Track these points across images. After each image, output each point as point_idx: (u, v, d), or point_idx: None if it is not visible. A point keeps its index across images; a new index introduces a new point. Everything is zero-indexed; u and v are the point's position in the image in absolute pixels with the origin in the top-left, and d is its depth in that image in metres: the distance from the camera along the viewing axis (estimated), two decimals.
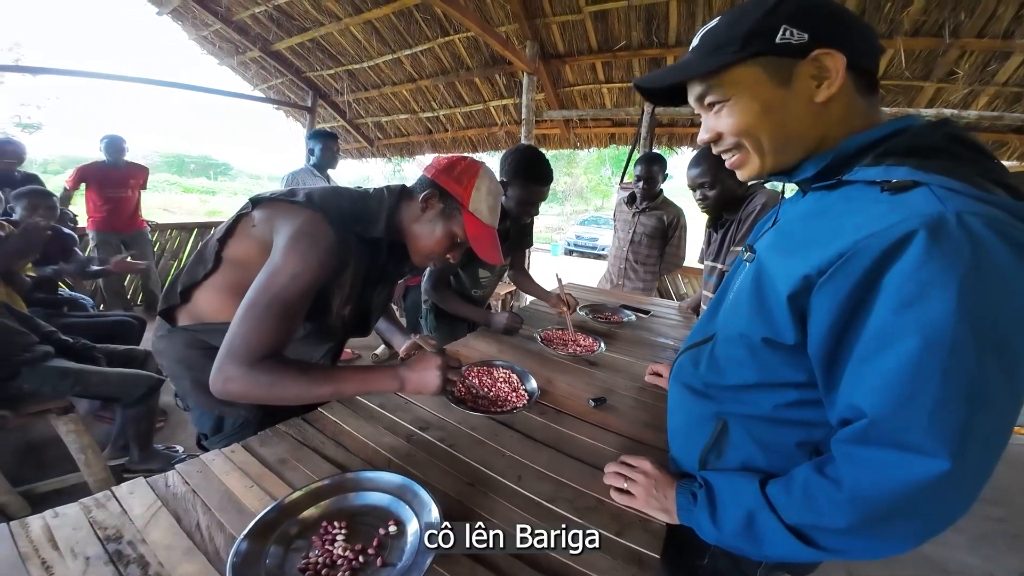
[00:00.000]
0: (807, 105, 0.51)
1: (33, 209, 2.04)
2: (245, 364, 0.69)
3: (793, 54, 0.50)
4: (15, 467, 1.62)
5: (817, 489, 0.50)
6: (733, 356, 0.60)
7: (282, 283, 0.72)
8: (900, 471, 0.43)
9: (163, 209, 14.40)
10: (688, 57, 0.56)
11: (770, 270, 0.54)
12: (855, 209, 0.47)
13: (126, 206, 3.30)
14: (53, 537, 0.59)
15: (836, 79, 0.49)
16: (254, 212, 0.84)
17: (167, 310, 0.92)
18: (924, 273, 0.40)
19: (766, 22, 0.50)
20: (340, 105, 5.31)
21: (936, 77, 2.94)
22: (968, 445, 0.41)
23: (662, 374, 1.17)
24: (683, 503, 0.64)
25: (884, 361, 0.43)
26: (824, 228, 0.49)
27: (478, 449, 0.85)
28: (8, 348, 1.46)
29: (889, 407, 0.43)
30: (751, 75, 0.52)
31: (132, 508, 0.64)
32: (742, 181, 0.62)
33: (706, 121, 0.58)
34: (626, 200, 2.55)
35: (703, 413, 0.66)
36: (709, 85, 0.55)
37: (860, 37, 0.51)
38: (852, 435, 0.46)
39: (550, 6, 3.35)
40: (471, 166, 0.91)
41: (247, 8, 4.15)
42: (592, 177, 23.48)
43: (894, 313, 0.42)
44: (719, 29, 0.54)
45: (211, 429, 0.94)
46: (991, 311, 0.40)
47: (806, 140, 0.53)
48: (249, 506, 0.65)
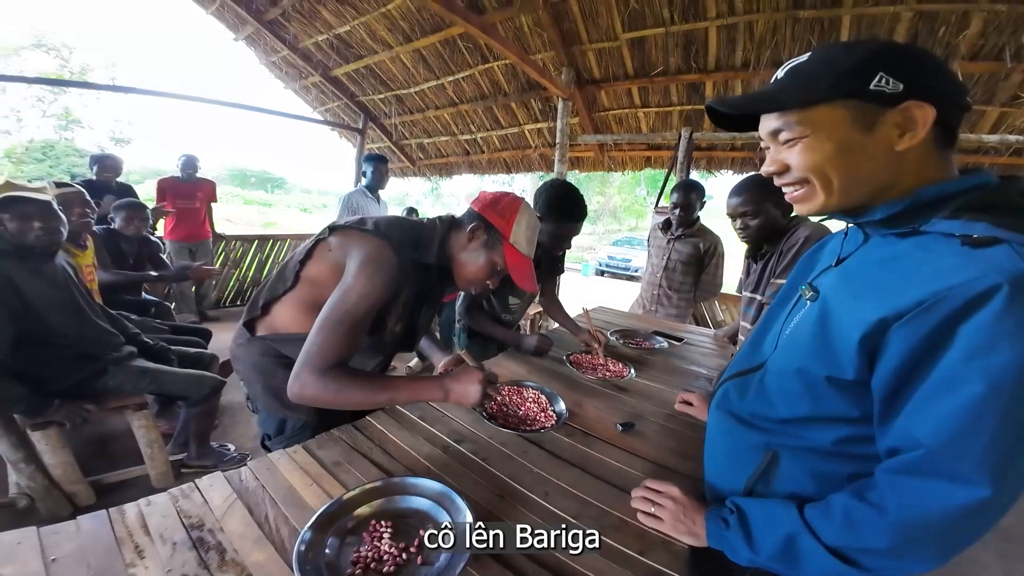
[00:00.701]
0: (885, 152, 0.52)
1: (129, 220, 2.34)
2: (318, 371, 0.80)
3: (882, 101, 0.50)
4: (85, 458, 1.76)
5: (859, 514, 0.52)
6: (787, 389, 0.61)
7: (353, 302, 0.83)
8: (945, 499, 0.47)
9: (226, 220, 15.60)
10: (773, 89, 0.56)
11: (838, 311, 0.56)
12: (933, 259, 0.49)
13: (194, 217, 3.68)
14: (146, 523, 0.67)
15: (921, 132, 0.50)
16: (330, 238, 0.95)
17: (249, 321, 1.06)
18: (999, 327, 0.43)
19: (863, 66, 0.50)
20: (387, 127, 5.66)
21: (999, 101, 2.80)
22: (1008, 477, 0.45)
23: (693, 403, 1.14)
24: (713, 528, 0.67)
25: (949, 401, 0.46)
26: (900, 274, 0.51)
27: (508, 464, 0.91)
28: (101, 347, 1.66)
29: (946, 440, 0.46)
30: (834, 116, 0.52)
31: (212, 499, 0.73)
32: (788, 213, 0.63)
33: (774, 153, 0.59)
34: (661, 225, 2.56)
35: (749, 443, 0.67)
36: (788, 120, 0.55)
37: (955, 93, 0.52)
38: (903, 464, 0.50)
39: (587, 34, 3.47)
40: (513, 202, 1.01)
41: (311, 36, 4.56)
42: (626, 197, 23.29)
43: (964, 361, 0.44)
44: (812, 66, 0.54)
45: (274, 430, 1.06)
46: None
47: (875, 185, 0.54)
48: (309, 502, 0.74)
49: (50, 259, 1.57)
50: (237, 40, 4.93)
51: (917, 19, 2.60)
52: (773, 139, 0.58)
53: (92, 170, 3.13)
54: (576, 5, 3.27)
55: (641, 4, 3.09)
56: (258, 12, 4.46)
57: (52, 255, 1.58)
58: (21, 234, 1.45)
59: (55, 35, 16.54)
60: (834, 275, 0.62)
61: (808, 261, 0.75)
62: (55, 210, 1.53)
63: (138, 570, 0.60)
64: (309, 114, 5.77)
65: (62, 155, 17.05)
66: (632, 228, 22.07)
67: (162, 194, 3.58)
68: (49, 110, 17.29)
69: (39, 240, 1.48)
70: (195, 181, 3.69)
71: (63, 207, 1.70)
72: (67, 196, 1.87)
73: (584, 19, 3.37)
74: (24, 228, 1.45)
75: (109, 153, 3.28)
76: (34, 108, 16.91)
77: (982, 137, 2.76)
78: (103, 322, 1.72)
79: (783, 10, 2.79)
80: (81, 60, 17.29)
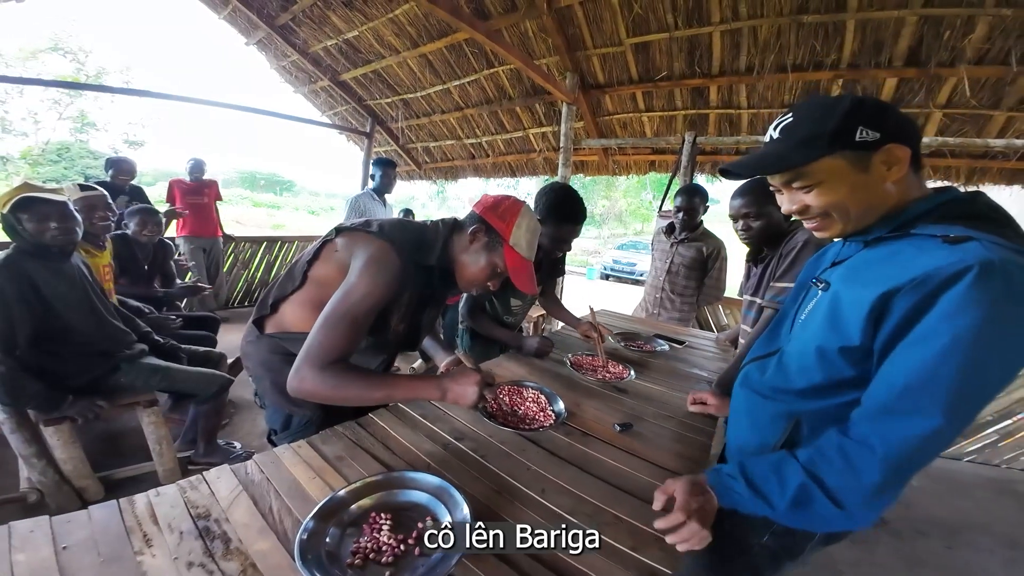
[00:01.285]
0: (881, 184, 0.67)
1: (143, 225, 2.40)
2: (318, 367, 0.82)
3: (867, 148, 0.64)
4: (95, 454, 1.79)
5: (853, 452, 0.63)
6: (804, 364, 0.73)
7: (355, 300, 0.86)
8: (911, 430, 0.58)
9: (236, 221, 15.81)
10: (775, 149, 0.69)
11: (848, 294, 0.68)
12: (923, 253, 0.62)
13: (206, 213, 3.85)
14: (154, 513, 0.70)
15: (904, 164, 0.65)
16: (337, 239, 0.98)
17: (258, 319, 1.09)
18: (968, 296, 0.55)
19: (845, 124, 0.64)
20: (394, 131, 5.72)
21: (1006, 105, 2.78)
22: (957, 412, 0.57)
23: (708, 401, 1.22)
24: (721, 491, 0.74)
25: (921, 350, 0.58)
26: (898, 264, 0.63)
27: (506, 461, 0.93)
28: (115, 345, 1.71)
29: (915, 381, 0.58)
30: (836, 166, 0.66)
31: (219, 491, 0.76)
32: (789, 218, 0.75)
33: (792, 196, 0.72)
34: (664, 229, 2.57)
35: (773, 412, 0.78)
36: (797, 173, 0.69)
37: (914, 130, 0.67)
38: (881, 405, 0.61)
39: (591, 39, 3.49)
40: (514, 205, 1.03)
41: (321, 41, 4.64)
42: (632, 200, 23.20)
43: (938, 320, 0.57)
44: (801, 126, 0.67)
45: (280, 425, 1.09)
46: (1007, 329, 0.55)
47: (881, 209, 0.69)
48: (312, 495, 0.76)
49: (66, 259, 1.62)
50: (248, 44, 5.03)
51: (922, 23, 2.59)
52: (787, 186, 0.72)
53: (107, 173, 3.21)
54: (580, 11, 3.30)
55: (645, 10, 3.11)
56: (269, 17, 4.55)
57: (68, 255, 1.63)
58: (39, 234, 1.50)
59: (72, 39, 16.90)
60: (841, 270, 0.75)
61: (814, 264, 0.91)
62: (71, 211, 1.57)
63: (146, 558, 0.63)
64: (318, 118, 5.86)
65: (77, 157, 17.38)
66: (638, 232, 21.94)
67: (171, 193, 3.76)
68: (65, 112, 17.64)
69: (56, 240, 1.53)
70: (202, 182, 3.88)
71: (86, 210, 1.76)
72: (91, 200, 1.92)
73: (588, 24, 3.40)
74: (42, 228, 1.50)
75: (124, 156, 3.38)
76: (51, 111, 17.27)
77: (988, 141, 2.73)
78: (116, 321, 1.77)
79: (787, 15, 2.80)
80: (97, 63, 17.65)
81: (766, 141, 0.72)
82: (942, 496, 2.33)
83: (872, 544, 1.92)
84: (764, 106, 3.43)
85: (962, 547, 1.95)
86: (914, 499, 2.26)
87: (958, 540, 1.99)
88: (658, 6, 3.06)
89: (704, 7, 2.96)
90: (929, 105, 2.92)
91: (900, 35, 2.67)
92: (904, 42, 2.69)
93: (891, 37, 2.70)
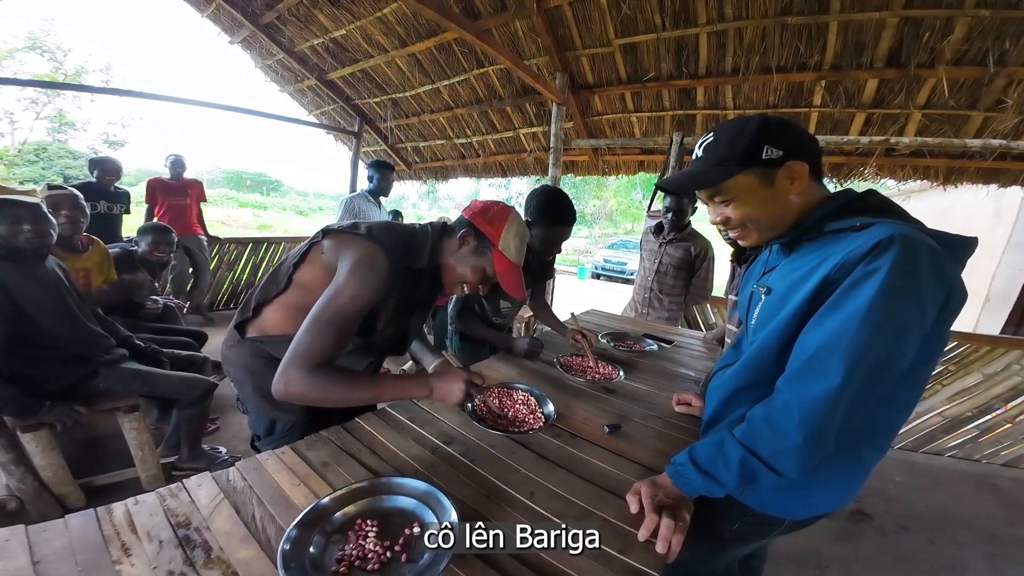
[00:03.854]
0: (786, 196, 0.76)
1: (155, 246, 2.35)
2: (305, 369, 0.81)
3: (773, 165, 0.73)
4: (76, 460, 1.75)
5: (776, 416, 0.69)
6: (762, 361, 0.78)
7: (342, 302, 0.85)
8: (818, 388, 0.64)
9: (221, 222, 15.56)
10: (698, 167, 0.79)
11: (789, 289, 0.75)
12: (839, 242, 0.70)
13: (185, 214, 3.73)
14: (133, 522, 0.68)
15: (803, 178, 0.75)
16: (324, 241, 0.97)
17: (240, 323, 1.06)
18: (871, 266, 0.62)
19: (754, 144, 0.72)
20: (383, 131, 5.67)
21: (983, 106, 2.85)
22: (855, 371, 0.63)
23: (692, 403, 1.25)
24: (679, 480, 0.79)
25: (832, 316, 0.65)
26: (823, 256, 0.71)
27: (495, 465, 0.92)
28: (92, 349, 1.66)
29: (826, 345, 0.65)
30: (747, 181, 0.75)
31: (199, 499, 0.74)
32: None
33: (716, 209, 0.81)
34: (653, 229, 2.59)
35: (741, 412, 0.81)
36: (716, 189, 0.78)
37: (814, 147, 0.77)
38: (797, 370, 0.68)
39: (580, 40, 3.51)
40: (503, 210, 1.02)
41: (307, 40, 4.58)
42: (622, 200, 23.34)
43: (845, 289, 0.65)
44: (719, 146, 0.76)
45: (264, 431, 1.07)
46: (901, 289, 0.61)
47: (789, 217, 0.78)
48: (296, 502, 0.75)
49: (41, 261, 1.57)
50: (233, 43, 4.94)
51: (903, 25, 2.65)
52: (711, 201, 0.81)
53: (92, 174, 3.11)
54: (569, 11, 3.31)
55: (633, 10, 3.13)
56: (254, 16, 4.48)
57: (43, 258, 1.58)
58: (11, 237, 1.45)
59: (50, 37, 16.47)
60: (778, 273, 0.83)
61: (750, 273, 1.00)
62: (45, 213, 1.53)
63: (124, 567, 0.61)
64: (305, 117, 5.77)
65: (55, 157, 16.95)
66: (628, 232, 22.06)
67: (152, 194, 3.62)
68: (43, 112, 17.20)
69: (29, 243, 1.48)
70: (183, 180, 3.75)
71: (52, 209, 1.70)
72: (56, 198, 1.87)
73: (577, 25, 3.41)
74: (14, 231, 1.45)
75: (108, 156, 3.27)
76: (28, 110, 16.83)
77: (966, 142, 2.80)
78: (94, 324, 1.72)
79: (771, 16, 2.83)
80: (75, 62, 17.23)
81: (692, 159, 0.80)
82: (924, 491, 2.38)
83: (856, 539, 1.96)
84: (750, 107, 3.48)
85: (944, 542, 1.99)
86: (897, 494, 2.31)
87: (940, 535, 2.03)
88: (646, 7, 3.08)
89: (691, 8, 2.99)
90: (909, 106, 2.98)
91: (881, 36, 2.72)
92: (885, 43, 2.75)
93: (872, 39, 2.75)
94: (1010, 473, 2.60)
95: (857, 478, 0.81)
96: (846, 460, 0.77)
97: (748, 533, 0.91)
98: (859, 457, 0.77)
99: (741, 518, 0.87)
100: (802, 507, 0.85)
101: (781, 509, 0.85)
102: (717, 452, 0.75)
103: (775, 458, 0.68)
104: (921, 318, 0.63)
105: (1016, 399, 2.63)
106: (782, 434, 0.67)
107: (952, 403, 2.76)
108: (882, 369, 0.64)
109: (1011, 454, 2.65)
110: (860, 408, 0.66)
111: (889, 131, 3.15)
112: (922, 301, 0.62)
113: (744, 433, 0.73)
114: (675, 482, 0.79)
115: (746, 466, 0.71)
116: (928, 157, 3.30)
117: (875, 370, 0.63)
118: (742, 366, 0.83)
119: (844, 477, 0.80)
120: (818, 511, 0.85)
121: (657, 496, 0.77)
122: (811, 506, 0.84)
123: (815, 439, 0.65)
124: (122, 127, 19.07)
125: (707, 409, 0.95)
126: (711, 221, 0.83)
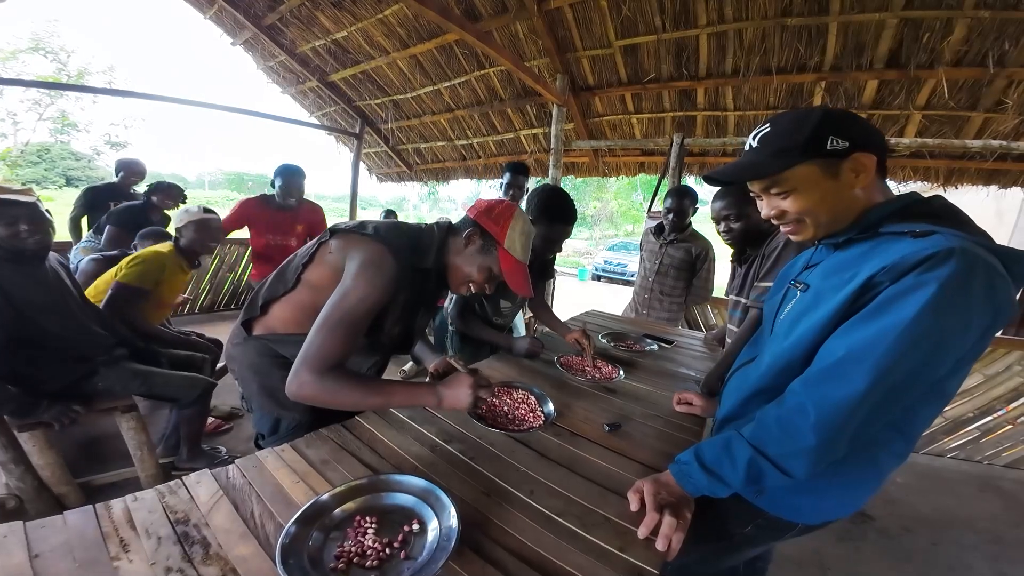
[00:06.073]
0: (850, 190, 0.71)
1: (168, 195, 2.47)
2: (317, 371, 0.81)
3: (838, 156, 0.68)
4: (75, 460, 1.75)
5: (788, 418, 0.67)
6: (791, 359, 0.75)
7: (352, 303, 0.85)
8: (839, 392, 0.62)
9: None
10: (754, 158, 0.73)
11: (829, 291, 0.72)
12: (893, 245, 0.67)
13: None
14: (132, 519, 0.68)
15: (871, 171, 0.69)
16: (331, 240, 0.97)
17: (246, 321, 1.06)
18: (923, 277, 0.59)
19: (817, 134, 0.67)
20: (384, 132, 5.68)
21: (984, 107, 2.86)
22: (882, 380, 0.60)
23: (693, 402, 1.25)
24: (682, 479, 0.78)
25: (873, 323, 0.62)
26: (871, 258, 0.68)
27: (495, 463, 0.92)
28: (92, 349, 1.66)
29: (857, 352, 0.62)
30: (809, 173, 0.70)
31: (199, 496, 0.74)
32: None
33: (770, 201, 0.76)
34: (654, 230, 2.59)
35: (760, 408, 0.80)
36: (774, 180, 0.72)
37: (881, 139, 0.71)
38: (817, 373, 0.66)
39: (581, 41, 3.52)
40: (507, 208, 1.03)
41: (309, 42, 4.59)
42: (623, 202, 23.35)
43: (891, 297, 0.61)
44: (777, 136, 0.71)
45: (268, 430, 1.06)
46: (949, 308, 0.58)
47: (851, 214, 0.73)
48: (295, 499, 0.74)
49: (40, 261, 1.57)
50: (235, 45, 4.96)
51: (902, 26, 2.65)
52: (765, 192, 0.76)
53: (118, 175, 3.07)
54: (570, 13, 3.32)
55: (633, 12, 3.14)
56: (256, 17, 4.50)
57: (42, 258, 1.58)
58: (9, 237, 1.45)
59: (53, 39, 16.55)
60: (819, 271, 0.79)
61: (788, 269, 0.96)
62: (42, 212, 1.53)
63: (123, 563, 0.61)
64: (306, 118, 5.79)
65: (58, 158, 17.02)
66: (628, 233, 22.08)
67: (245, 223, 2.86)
68: (46, 113, 17.26)
69: (27, 243, 1.48)
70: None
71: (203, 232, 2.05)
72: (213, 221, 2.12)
73: (578, 26, 3.42)
74: (12, 231, 1.45)
75: (135, 158, 3.16)
76: (30, 111, 16.90)
77: (967, 142, 2.80)
78: (95, 324, 1.72)
79: (771, 18, 2.84)
80: (79, 64, 17.30)
81: (746, 150, 0.76)
82: (927, 493, 2.37)
83: (859, 541, 1.95)
84: (749, 108, 3.48)
85: (947, 543, 1.98)
86: (899, 496, 2.30)
87: (943, 536, 2.02)
88: (646, 8, 3.09)
89: (691, 10, 2.99)
90: (909, 107, 2.99)
91: (881, 37, 2.72)
92: (885, 44, 2.75)
93: (872, 39, 2.76)
94: (1013, 475, 2.59)
95: (872, 484, 0.79)
96: (863, 465, 0.75)
97: (759, 536, 0.90)
98: (876, 463, 0.76)
99: (754, 521, 0.86)
100: (816, 511, 0.83)
101: (795, 513, 0.83)
102: (724, 451, 0.74)
103: (785, 459, 0.67)
104: (963, 340, 0.61)
105: (1017, 400, 2.62)
106: (795, 435, 0.66)
107: (953, 404, 2.75)
108: (910, 384, 0.62)
109: (1012, 455, 2.64)
110: (880, 417, 0.65)
111: (889, 132, 3.15)
112: (967, 324, 0.59)
113: (753, 433, 0.71)
114: (678, 481, 0.78)
115: (754, 466, 0.69)
116: (928, 158, 3.31)
117: (903, 384, 0.62)
118: (769, 368, 0.80)
119: (860, 482, 0.78)
120: (832, 516, 0.83)
121: (659, 494, 0.77)
122: (825, 511, 0.82)
123: (828, 443, 0.64)
124: (124, 128, 19.15)
125: (724, 406, 0.93)
126: (764, 215, 0.78)
